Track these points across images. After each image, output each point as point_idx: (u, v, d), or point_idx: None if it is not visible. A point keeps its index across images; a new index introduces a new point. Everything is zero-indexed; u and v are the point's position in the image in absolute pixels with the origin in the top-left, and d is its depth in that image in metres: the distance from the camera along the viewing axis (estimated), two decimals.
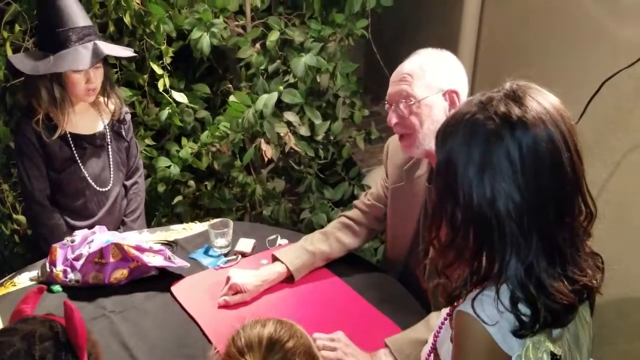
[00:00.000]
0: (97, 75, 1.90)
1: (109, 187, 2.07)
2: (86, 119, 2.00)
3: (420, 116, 1.50)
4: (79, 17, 1.83)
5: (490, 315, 0.92)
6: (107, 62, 1.96)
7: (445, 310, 1.07)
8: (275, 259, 1.74)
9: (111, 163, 2.06)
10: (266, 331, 0.97)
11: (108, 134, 2.04)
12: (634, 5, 1.90)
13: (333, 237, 1.79)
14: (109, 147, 2.05)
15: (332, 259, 1.78)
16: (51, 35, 1.82)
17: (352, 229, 1.81)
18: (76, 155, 1.97)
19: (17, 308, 0.99)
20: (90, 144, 2.00)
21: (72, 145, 1.96)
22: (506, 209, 0.90)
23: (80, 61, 1.81)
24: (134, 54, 2.02)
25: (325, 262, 1.77)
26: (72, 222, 2.02)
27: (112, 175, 2.07)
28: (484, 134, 0.91)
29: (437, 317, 1.45)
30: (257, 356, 0.92)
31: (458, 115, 0.96)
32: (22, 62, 1.83)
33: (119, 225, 2.14)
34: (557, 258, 0.93)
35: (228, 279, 1.65)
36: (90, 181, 2.01)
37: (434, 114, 1.50)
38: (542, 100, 0.93)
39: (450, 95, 1.51)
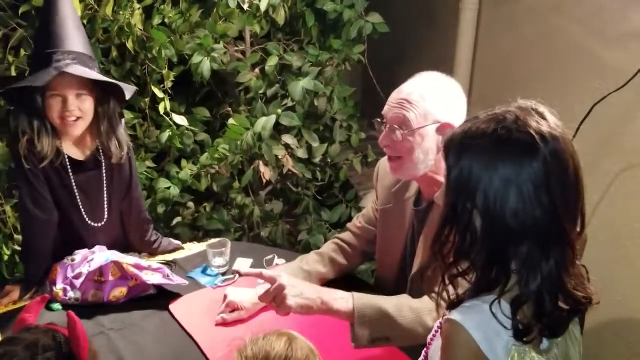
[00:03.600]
0: (82, 106, 1.74)
1: (102, 223, 1.91)
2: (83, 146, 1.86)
3: (411, 144, 1.51)
4: (69, 41, 1.71)
5: (479, 322, 0.94)
6: (109, 102, 1.81)
7: (437, 321, 1.09)
8: None
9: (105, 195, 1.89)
10: (274, 351, 0.97)
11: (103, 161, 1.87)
12: (619, 33, 1.97)
13: (327, 257, 1.81)
14: (104, 178, 1.88)
15: (326, 279, 1.80)
16: (37, 56, 1.74)
17: (345, 251, 1.83)
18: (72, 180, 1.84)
19: (20, 317, 1.01)
20: (83, 171, 1.85)
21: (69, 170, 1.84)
22: (531, 220, 0.93)
23: (41, 79, 1.65)
24: (111, 80, 1.81)
25: (320, 283, 1.79)
26: None
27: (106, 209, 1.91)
28: (515, 147, 0.94)
29: (407, 297, 1.47)
30: None
31: (474, 131, 0.98)
32: (4, 85, 1.77)
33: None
34: (569, 269, 0.96)
35: (225, 297, 1.67)
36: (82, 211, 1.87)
37: (425, 144, 1.51)
38: (555, 119, 0.98)
39: (444, 127, 1.50)
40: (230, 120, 2.42)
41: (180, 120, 2.46)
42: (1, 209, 2.31)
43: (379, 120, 1.58)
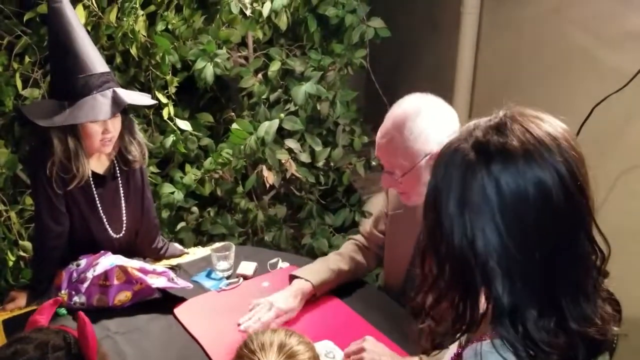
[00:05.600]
0: (115, 125, 1.75)
1: (122, 234, 1.94)
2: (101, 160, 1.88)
3: (410, 181, 1.53)
4: (96, 63, 1.70)
5: None
6: (126, 110, 1.80)
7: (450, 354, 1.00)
8: (294, 277, 1.76)
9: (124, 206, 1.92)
10: (277, 337, 1.05)
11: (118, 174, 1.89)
12: (618, 35, 1.98)
13: (348, 256, 1.83)
14: (121, 189, 1.90)
15: (349, 279, 1.81)
16: (67, 83, 1.68)
17: (363, 251, 1.86)
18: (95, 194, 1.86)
19: (32, 318, 1.03)
20: (104, 184, 1.87)
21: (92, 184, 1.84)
22: (486, 250, 0.81)
23: (99, 111, 1.66)
24: (154, 102, 1.90)
25: (342, 282, 1.80)
26: None
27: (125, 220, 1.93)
28: (462, 166, 0.83)
29: None
30: (270, 356, 1.00)
31: (448, 144, 0.89)
32: (35, 113, 1.69)
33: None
34: (548, 309, 0.82)
35: (271, 304, 1.66)
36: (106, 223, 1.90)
37: (424, 177, 1.51)
38: (534, 128, 0.82)
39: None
40: (234, 125, 2.43)
41: (184, 125, 2.48)
42: (6, 215, 2.33)
43: (375, 164, 1.60)
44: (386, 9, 2.63)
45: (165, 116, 2.45)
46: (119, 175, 1.89)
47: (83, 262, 1.81)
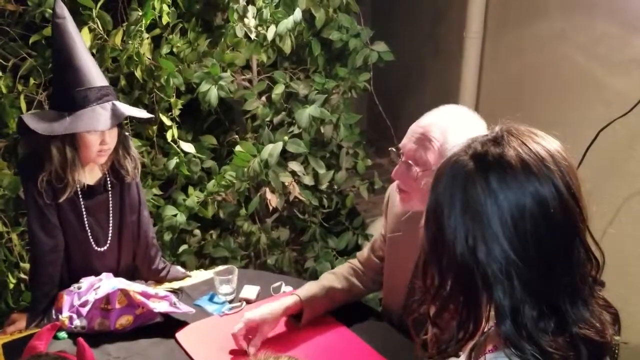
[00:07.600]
0: (112, 137, 1.78)
1: (106, 247, 1.91)
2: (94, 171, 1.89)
3: (425, 183, 1.49)
4: (96, 77, 1.75)
5: None
6: (122, 124, 1.84)
7: None
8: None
9: (111, 220, 1.91)
10: None
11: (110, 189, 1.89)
12: (623, 59, 1.99)
13: (342, 276, 1.81)
14: (110, 202, 1.90)
15: (341, 299, 1.78)
16: (68, 95, 1.71)
17: (358, 275, 1.83)
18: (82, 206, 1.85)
19: (31, 344, 1.01)
20: (93, 196, 1.87)
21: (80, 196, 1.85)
22: (487, 257, 0.83)
23: (99, 122, 1.69)
24: (151, 116, 1.90)
25: (336, 303, 1.77)
26: None
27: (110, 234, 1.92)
28: (462, 177, 0.86)
29: None
30: None
31: (447, 158, 0.93)
32: (36, 122, 1.71)
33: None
34: (547, 311, 0.84)
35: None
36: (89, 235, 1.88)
37: None
38: (530, 141, 0.86)
39: None
40: (237, 148, 2.43)
41: (188, 147, 2.48)
42: (7, 237, 2.31)
43: (394, 150, 1.57)
44: (390, 33, 2.65)
45: (169, 138, 2.45)
46: (110, 188, 1.89)
47: (84, 284, 1.80)
